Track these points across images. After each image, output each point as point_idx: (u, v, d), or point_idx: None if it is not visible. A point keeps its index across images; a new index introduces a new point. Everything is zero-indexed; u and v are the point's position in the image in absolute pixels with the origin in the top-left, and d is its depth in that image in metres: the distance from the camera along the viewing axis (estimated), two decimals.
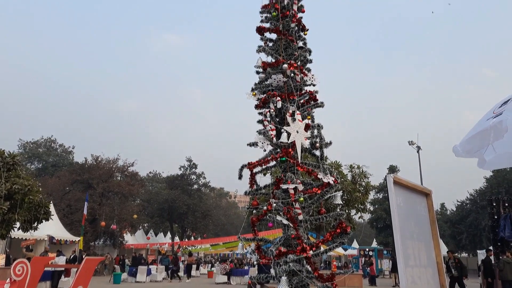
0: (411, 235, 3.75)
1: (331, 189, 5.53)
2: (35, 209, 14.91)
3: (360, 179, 15.33)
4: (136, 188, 38.47)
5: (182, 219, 51.16)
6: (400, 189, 3.71)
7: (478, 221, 44.67)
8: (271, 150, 5.93)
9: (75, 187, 35.77)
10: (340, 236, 5.33)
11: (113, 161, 37.21)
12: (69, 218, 31.87)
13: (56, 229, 25.52)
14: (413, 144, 33.56)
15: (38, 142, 53.52)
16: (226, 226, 67.62)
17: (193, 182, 53.08)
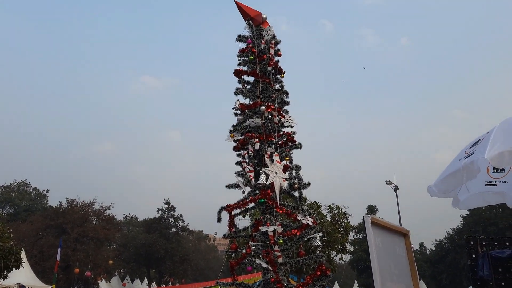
0: (390, 277, 3.75)
1: (310, 230, 5.52)
2: (5, 257, 14.23)
3: (339, 220, 15.31)
4: (112, 233, 37.41)
5: (159, 264, 49.61)
6: (378, 229, 3.75)
7: (457, 260, 44.83)
8: (250, 192, 5.92)
9: (48, 232, 34.52)
10: (320, 279, 5.27)
11: (89, 204, 36.32)
12: (41, 265, 30.50)
13: (27, 277, 24.28)
14: (390, 183, 34.01)
15: (10, 186, 51.87)
16: (205, 270, 65.72)
17: (171, 225, 51.98)
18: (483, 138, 3.64)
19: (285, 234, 5.59)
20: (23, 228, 33.12)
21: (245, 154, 5.87)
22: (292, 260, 5.52)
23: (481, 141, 3.63)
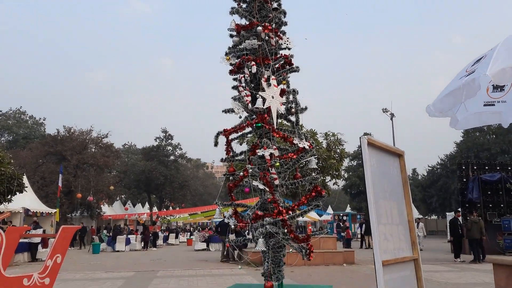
0: (383, 195, 3.87)
1: (306, 154, 5.59)
2: (7, 181, 14.60)
3: (335, 147, 15.56)
4: (112, 160, 38.03)
5: (159, 190, 51.24)
6: (373, 150, 3.80)
7: (448, 184, 46.40)
8: (247, 117, 5.91)
9: (48, 159, 35.08)
10: (315, 199, 5.44)
11: (87, 132, 36.53)
12: (44, 190, 31.38)
13: (31, 201, 25.09)
14: (386, 111, 34.13)
15: (7, 113, 51.79)
16: (204, 196, 68.08)
17: (170, 153, 52.87)
18: (486, 55, 3.56)
19: (281, 157, 5.67)
20: (23, 155, 33.59)
21: (241, 78, 5.77)
22: (288, 182, 5.66)
23: (483, 58, 3.56)
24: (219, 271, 13.40)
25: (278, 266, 5.41)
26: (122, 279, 11.48)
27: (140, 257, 20.00)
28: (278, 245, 5.39)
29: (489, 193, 18.60)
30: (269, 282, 5.25)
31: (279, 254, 5.44)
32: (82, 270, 13.89)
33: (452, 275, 11.90)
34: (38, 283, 6.04)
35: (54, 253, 6.35)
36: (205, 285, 10.18)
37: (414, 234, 4.18)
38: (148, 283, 10.56)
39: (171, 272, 13.24)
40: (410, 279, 4.02)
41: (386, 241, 3.73)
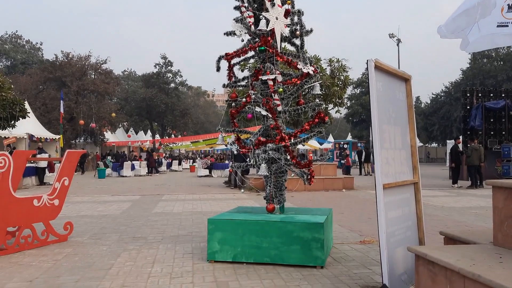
0: (388, 120, 3.84)
1: (310, 79, 5.48)
2: (9, 107, 14.59)
3: (339, 73, 15.28)
4: (112, 87, 37.72)
5: (161, 118, 51.42)
6: (380, 74, 3.70)
7: (451, 112, 46.37)
8: (249, 40, 5.71)
9: (48, 85, 34.81)
10: (318, 126, 5.43)
11: (85, 58, 35.85)
12: (46, 116, 31.53)
13: (35, 127, 25.33)
14: (393, 36, 33.12)
15: (2, 38, 50.46)
16: (205, 124, 68.47)
17: (170, 81, 52.25)
18: None
19: (285, 83, 5.57)
20: (23, 80, 33.25)
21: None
22: (291, 108, 5.62)
23: None
24: (221, 195, 13.85)
25: (280, 190, 5.54)
26: (128, 202, 11.89)
27: (145, 182, 20.60)
28: (280, 170, 5.49)
29: (492, 120, 18.64)
30: (271, 205, 5.42)
31: (281, 179, 5.55)
32: (90, 194, 14.37)
33: (448, 199, 12.30)
34: (48, 204, 6.26)
35: (62, 176, 6.51)
36: (208, 208, 10.56)
37: (416, 158, 4.22)
38: (154, 206, 10.95)
39: (176, 196, 13.69)
40: (410, 201, 4.13)
41: (387, 165, 3.77)
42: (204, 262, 5.15)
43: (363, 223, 8.17)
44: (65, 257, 5.51)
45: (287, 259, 4.87)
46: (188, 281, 4.41)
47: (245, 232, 5.00)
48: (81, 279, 4.52)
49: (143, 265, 5.09)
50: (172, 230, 7.40)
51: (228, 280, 4.43)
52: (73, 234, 6.77)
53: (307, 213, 5.55)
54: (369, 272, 4.71)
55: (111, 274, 4.69)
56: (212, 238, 5.11)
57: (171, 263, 5.17)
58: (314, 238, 4.78)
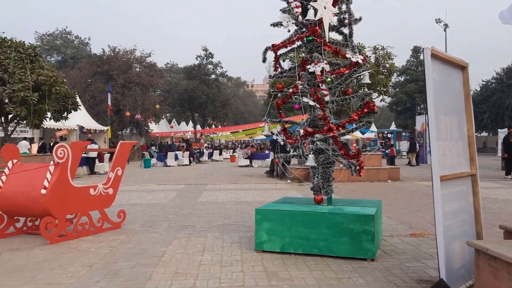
0: (444, 110, 3.71)
1: (359, 68, 5.38)
2: (62, 100, 15.31)
3: (384, 61, 14.88)
4: (156, 79, 38.59)
5: (202, 109, 52.12)
6: (436, 62, 3.57)
7: (502, 100, 44.07)
8: (297, 30, 5.66)
9: (96, 78, 36.13)
10: (367, 116, 5.33)
11: (130, 51, 36.85)
12: (95, 109, 32.80)
13: (85, 119, 26.46)
14: (440, 22, 31.77)
15: (54, 34, 52.80)
16: (245, 114, 68.85)
17: (211, 72, 52.77)
18: None
19: (332, 72, 5.50)
20: (73, 74, 34.67)
21: None
22: (339, 98, 5.54)
23: None
24: (263, 185, 13.93)
25: (327, 181, 5.51)
26: (174, 191, 12.22)
27: (188, 172, 21.06)
28: (328, 161, 5.44)
29: None
30: (319, 196, 5.40)
31: (328, 169, 5.51)
32: (137, 183, 14.87)
33: (502, 191, 11.76)
34: (103, 193, 6.54)
35: (115, 166, 6.78)
36: (251, 197, 10.66)
37: (473, 149, 4.06)
38: (199, 195, 11.19)
39: (219, 185, 13.91)
40: (466, 194, 3.98)
41: (444, 157, 3.65)
42: (252, 252, 5.22)
43: (412, 215, 7.98)
44: (120, 243, 5.75)
45: (336, 251, 4.85)
46: (238, 270, 4.49)
47: (293, 222, 5.02)
48: (136, 265, 4.72)
49: (193, 253, 5.23)
50: (218, 219, 7.54)
51: (278, 270, 4.47)
52: (125, 222, 7.05)
53: (356, 204, 5.49)
54: (422, 265, 4.60)
55: (164, 261, 4.86)
56: (259, 228, 5.17)
57: (220, 251, 5.28)
58: (364, 230, 4.72)
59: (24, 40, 15.09)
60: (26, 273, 4.42)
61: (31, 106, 14.15)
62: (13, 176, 6.10)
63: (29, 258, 5.04)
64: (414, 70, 52.05)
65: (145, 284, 4.09)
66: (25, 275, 4.37)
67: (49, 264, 4.75)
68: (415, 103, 48.35)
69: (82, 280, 4.20)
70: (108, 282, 4.12)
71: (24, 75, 14.02)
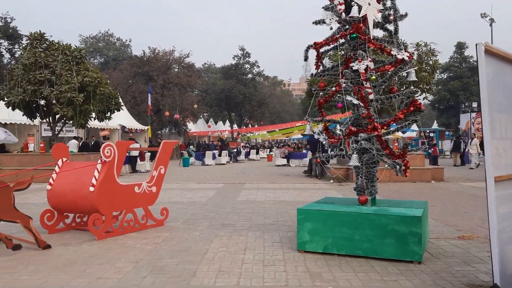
0: (498, 107, 3.55)
1: (405, 65, 5.23)
2: (106, 100, 15.85)
3: (427, 58, 14.41)
4: (194, 79, 39.28)
5: (239, 108, 52.49)
6: (490, 58, 3.41)
7: None
8: (340, 27, 5.58)
9: (137, 79, 37.15)
10: (413, 114, 5.18)
11: (169, 52, 37.66)
12: (136, 109, 33.74)
13: (127, 119, 27.28)
14: (485, 16, 30.43)
15: (97, 36, 54.79)
16: (281, 113, 68.65)
17: (247, 72, 53.04)
18: None
19: (377, 70, 5.37)
20: (115, 76, 35.82)
21: None
22: (383, 96, 5.41)
23: None
24: (302, 185, 13.84)
25: (371, 181, 5.39)
26: (213, 190, 12.36)
27: (225, 171, 21.25)
28: (372, 160, 5.33)
29: None
30: (363, 196, 5.29)
31: (372, 169, 5.40)
32: (177, 181, 15.16)
33: None
34: (147, 191, 6.70)
35: (158, 165, 6.93)
36: (290, 197, 10.62)
37: None
38: (237, 194, 11.26)
39: (257, 184, 13.95)
40: None
41: (498, 156, 3.49)
42: (294, 252, 5.19)
43: (459, 217, 7.69)
44: (164, 240, 5.88)
45: (381, 253, 4.74)
46: (281, 270, 4.48)
47: (336, 223, 4.95)
48: (180, 262, 4.80)
49: (235, 251, 5.26)
50: (258, 219, 7.56)
51: (321, 271, 4.42)
52: (168, 219, 7.18)
53: (401, 205, 5.34)
54: (472, 269, 4.42)
55: (207, 259, 4.91)
56: (302, 228, 5.13)
57: (261, 251, 5.29)
58: (411, 232, 4.59)
59: (70, 43, 15.72)
60: (76, 268, 4.59)
61: (77, 107, 14.74)
62: (63, 174, 6.35)
63: (79, 253, 5.24)
64: (457, 67, 50.14)
65: (190, 281, 4.15)
66: (75, 269, 4.54)
67: (98, 259, 4.92)
68: (459, 101, 46.52)
69: (129, 275, 4.32)
70: (154, 278, 4.22)
71: (71, 77, 14.61)
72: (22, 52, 16.23)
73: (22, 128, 22.60)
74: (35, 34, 15.59)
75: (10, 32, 33.67)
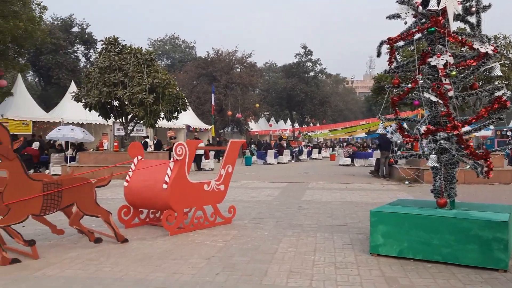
0: None
1: (489, 60, 4.87)
2: (174, 101, 16.45)
3: (506, 51, 13.38)
4: (255, 79, 39.64)
5: (300, 107, 52.18)
6: None
7: None
8: (416, 21, 5.31)
9: (201, 80, 38.20)
10: (498, 112, 4.81)
11: (232, 53, 38.30)
12: (200, 109, 34.72)
13: (191, 119, 28.15)
14: None
15: (164, 39, 57.13)
16: (344, 111, 67.27)
17: (309, 70, 52.54)
18: None
19: (457, 65, 5.05)
20: (180, 77, 37.10)
21: None
22: (464, 93, 5.08)
23: None
24: (369, 185, 13.43)
25: (450, 183, 5.09)
26: (277, 189, 12.37)
27: (288, 170, 21.19)
28: (451, 161, 5.02)
29: None
30: (442, 199, 5.01)
31: (452, 171, 5.09)
32: (241, 180, 15.36)
33: None
34: (215, 189, 6.83)
35: (226, 164, 7.04)
36: (358, 198, 10.34)
37: None
38: (302, 194, 11.17)
39: (321, 184, 13.75)
40: None
41: None
42: (366, 255, 5.03)
43: None
44: (233, 238, 5.95)
45: (461, 259, 4.46)
46: (354, 273, 4.36)
47: (412, 226, 4.72)
48: (251, 260, 4.83)
49: (305, 252, 5.20)
50: (326, 219, 7.43)
51: (397, 276, 4.24)
52: (235, 217, 7.28)
53: (484, 209, 4.99)
54: None
55: (277, 259, 4.90)
56: (375, 230, 4.96)
57: (332, 252, 5.18)
58: (495, 238, 4.27)
59: (141, 47, 16.49)
60: (152, 262, 4.78)
61: (147, 107, 15.43)
62: (138, 172, 6.66)
63: (154, 247, 5.45)
64: None
65: (262, 280, 4.15)
66: (152, 263, 4.73)
67: (172, 254, 5.09)
68: None
69: (203, 271, 4.41)
70: (227, 276, 4.27)
71: (142, 79, 15.33)
72: (97, 56, 17.28)
73: (98, 127, 24.14)
74: (109, 39, 16.54)
75: (86, 37, 36.03)
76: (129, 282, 4.10)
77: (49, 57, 32.07)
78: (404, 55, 14.86)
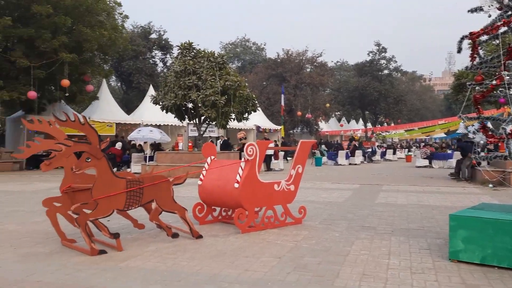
0: None
1: None
2: (244, 102, 16.79)
3: None
4: (326, 78, 39.15)
5: (373, 106, 50.63)
6: None
7: None
8: (501, 14, 4.94)
9: (271, 81, 38.56)
10: None
11: (302, 53, 38.21)
12: (270, 109, 35.03)
13: (261, 119, 28.49)
14: None
15: (235, 42, 58.52)
16: (421, 110, 64.01)
17: (383, 68, 50.77)
18: None
19: None
20: (250, 78, 37.73)
21: None
22: None
23: None
24: (449, 188, 12.68)
25: None
26: (349, 190, 12.12)
27: (360, 171, 20.66)
28: None
29: None
30: None
31: None
32: (311, 180, 15.25)
33: None
34: (286, 189, 6.87)
35: (296, 164, 7.05)
36: (436, 201, 9.82)
37: None
38: (376, 196, 10.83)
39: (396, 187, 13.23)
40: None
41: None
42: (445, 261, 4.77)
43: None
44: (303, 239, 5.95)
45: None
46: (432, 279, 4.16)
47: (498, 232, 4.40)
48: (322, 261, 4.79)
49: (378, 255, 5.06)
50: (401, 223, 7.15)
51: (479, 284, 3.98)
52: (305, 218, 7.25)
53: None
54: None
55: (349, 261, 4.82)
56: (454, 235, 4.69)
57: (408, 257, 4.98)
58: None
59: (214, 50, 17.04)
60: (226, 258, 4.93)
61: (219, 109, 15.91)
62: (211, 171, 6.90)
63: (227, 244, 5.62)
64: None
65: (334, 281, 4.11)
66: (225, 259, 4.87)
67: (244, 252, 5.21)
68: None
69: (274, 270, 4.47)
70: (298, 276, 4.29)
71: (214, 81, 15.84)
72: (173, 60, 18.13)
73: (173, 128, 25.35)
74: (184, 44, 17.29)
75: (163, 43, 37.97)
76: (205, 276, 4.27)
77: (130, 63, 34.27)
78: (487, 50, 13.85)
